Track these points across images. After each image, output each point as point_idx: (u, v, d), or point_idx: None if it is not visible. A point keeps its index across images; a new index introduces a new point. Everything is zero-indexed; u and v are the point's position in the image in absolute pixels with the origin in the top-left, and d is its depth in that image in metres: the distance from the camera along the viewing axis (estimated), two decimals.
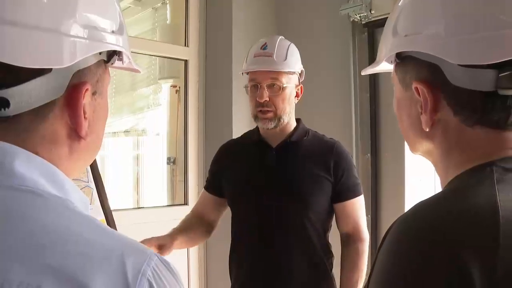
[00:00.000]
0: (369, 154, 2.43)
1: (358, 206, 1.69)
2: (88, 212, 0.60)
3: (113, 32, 0.62)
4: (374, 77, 2.43)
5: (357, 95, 2.46)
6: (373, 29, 2.43)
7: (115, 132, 3.80)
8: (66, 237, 0.49)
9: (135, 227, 2.53)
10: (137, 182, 3.53)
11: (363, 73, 0.93)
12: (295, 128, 1.71)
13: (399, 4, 0.74)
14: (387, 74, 0.83)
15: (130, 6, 3.56)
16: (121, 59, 0.66)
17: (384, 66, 0.79)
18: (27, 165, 0.53)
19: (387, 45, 0.75)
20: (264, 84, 1.62)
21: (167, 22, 3.26)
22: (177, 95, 3.07)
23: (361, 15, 2.37)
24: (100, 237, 0.51)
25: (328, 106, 2.58)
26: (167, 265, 0.53)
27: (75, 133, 0.58)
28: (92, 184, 1.97)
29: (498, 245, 0.54)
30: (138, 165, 3.73)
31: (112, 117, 3.78)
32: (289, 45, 1.70)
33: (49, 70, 0.53)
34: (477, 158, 0.64)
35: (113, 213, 2.01)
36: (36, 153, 0.55)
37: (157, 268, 0.51)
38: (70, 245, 0.49)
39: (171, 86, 3.19)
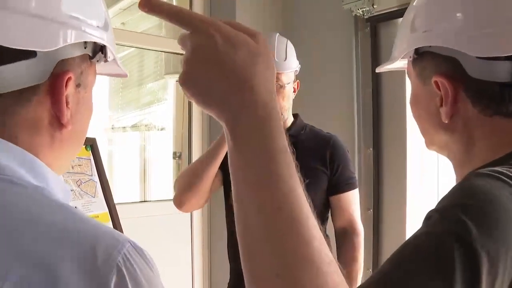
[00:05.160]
0: (371, 149, 2.44)
1: (353, 199, 1.71)
2: (69, 202, 0.61)
3: (98, 27, 0.63)
4: (376, 73, 2.43)
5: (360, 90, 2.47)
6: (375, 24, 2.43)
7: (124, 127, 3.84)
8: (37, 223, 0.50)
9: (140, 221, 2.58)
10: (144, 176, 3.57)
11: (377, 71, 0.94)
12: (293, 123, 1.74)
13: (415, 1, 0.77)
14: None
15: (137, 2, 3.58)
16: (106, 58, 0.66)
17: (397, 63, 0.81)
18: (6, 154, 0.54)
19: (405, 41, 0.76)
20: None
21: None
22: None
23: (364, 9, 2.36)
24: (73, 224, 0.51)
25: (330, 101, 2.59)
26: (140, 252, 0.52)
27: (57, 122, 0.59)
28: (96, 178, 2.00)
29: None
30: (145, 160, 3.77)
31: (120, 112, 3.82)
32: (287, 42, 1.70)
33: (34, 55, 0.55)
34: (504, 146, 0.66)
35: (119, 206, 2.04)
36: (16, 137, 0.56)
37: (129, 255, 0.50)
38: (40, 231, 0.49)
39: (176, 81, 3.21)
